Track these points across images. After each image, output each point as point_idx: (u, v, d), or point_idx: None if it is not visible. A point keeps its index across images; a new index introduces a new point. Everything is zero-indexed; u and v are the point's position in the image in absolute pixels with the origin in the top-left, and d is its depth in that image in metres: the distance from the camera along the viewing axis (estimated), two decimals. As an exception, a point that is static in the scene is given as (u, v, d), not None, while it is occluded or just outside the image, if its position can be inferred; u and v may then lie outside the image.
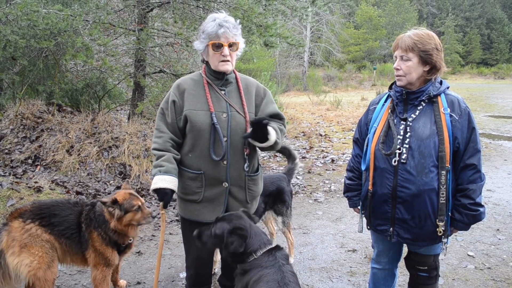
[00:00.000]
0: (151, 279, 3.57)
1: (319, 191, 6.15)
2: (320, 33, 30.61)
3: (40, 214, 2.81)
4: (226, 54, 2.32)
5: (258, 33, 6.18)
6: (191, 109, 2.37)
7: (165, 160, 2.34)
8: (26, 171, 5.26)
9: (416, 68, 2.23)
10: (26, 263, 2.69)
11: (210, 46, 2.33)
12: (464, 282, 3.57)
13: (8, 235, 2.72)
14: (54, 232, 2.81)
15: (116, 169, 5.66)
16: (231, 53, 2.36)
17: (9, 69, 6.33)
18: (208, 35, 2.32)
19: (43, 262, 2.73)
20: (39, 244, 2.74)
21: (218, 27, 2.29)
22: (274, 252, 2.15)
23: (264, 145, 2.35)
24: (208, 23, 2.35)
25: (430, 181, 2.20)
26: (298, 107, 15.31)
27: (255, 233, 2.22)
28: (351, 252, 4.17)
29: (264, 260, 2.12)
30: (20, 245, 2.70)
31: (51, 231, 2.80)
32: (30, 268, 2.69)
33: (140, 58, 6.68)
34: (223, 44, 2.30)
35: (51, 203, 2.92)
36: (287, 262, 2.13)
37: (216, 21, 2.32)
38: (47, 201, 3.07)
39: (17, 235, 2.71)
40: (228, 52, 2.33)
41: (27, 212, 2.81)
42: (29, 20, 4.91)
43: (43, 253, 2.74)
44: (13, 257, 2.69)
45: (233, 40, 2.33)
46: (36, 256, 2.71)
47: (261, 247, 2.17)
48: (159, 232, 4.53)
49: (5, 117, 6.26)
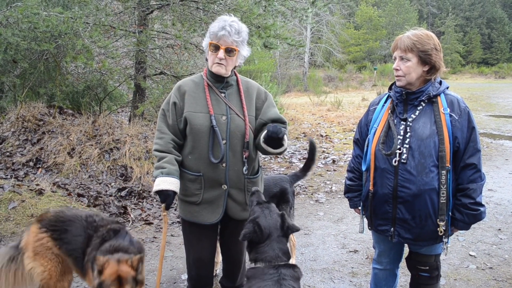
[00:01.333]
0: (153, 281, 3.57)
1: (320, 192, 6.15)
2: (320, 34, 30.63)
3: (55, 226, 2.66)
4: (220, 57, 2.31)
5: (257, 35, 6.19)
6: (191, 111, 2.37)
7: (167, 161, 2.34)
8: (28, 173, 5.27)
9: (416, 69, 2.24)
10: (38, 272, 2.62)
11: (209, 45, 2.35)
12: (466, 282, 3.57)
13: (27, 237, 2.66)
14: (63, 249, 2.64)
15: (117, 171, 5.67)
16: (227, 58, 2.33)
17: (10, 71, 6.34)
18: (210, 35, 2.34)
19: (53, 274, 2.63)
20: (49, 257, 2.63)
21: (220, 29, 2.29)
22: (280, 267, 2.08)
23: (277, 152, 2.36)
24: (216, 22, 2.36)
25: (431, 181, 2.20)
26: (298, 108, 15.31)
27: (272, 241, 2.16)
28: (353, 252, 4.17)
29: (265, 271, 2.06)
30: (33, 251, 2.63)
31: (60, 246, 2.64)
32: (42, 277, 2.62)
33: (140, 60, 6.70)
34: (220, 46, 2.30)
35: (69, 217, 2.71)
36: (292, 280, 2.04)
37: (222, 23, 2.32)
38: (69, 213, 2.82)
39: (31, 240, 2.63)
40: (224, 56, 2.31)
41: (46, 219, 2.68)
42: (30, 22, 4.93)
43: (52, 266, 2.63)
44: (28, 261, 2.63)
45: (231, 45, 2.31)
46: (46, 268, 2.62)
47: (270, 260, 2.12)
48: (160, 233, 4.54)
49: (7, 119, 6.27)
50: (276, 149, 2.35)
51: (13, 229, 4.20)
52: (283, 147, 2.35)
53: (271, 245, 2.15)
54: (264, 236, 2.14)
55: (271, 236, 2.17)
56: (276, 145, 2.33)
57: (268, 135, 2.26)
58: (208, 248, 2.60)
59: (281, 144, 2.32)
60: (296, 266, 2.17)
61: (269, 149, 2.36)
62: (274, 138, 2.25)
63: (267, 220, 2.20)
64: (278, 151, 2.36)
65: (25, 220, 4.35)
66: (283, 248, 2.17)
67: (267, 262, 2.10)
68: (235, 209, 2.49)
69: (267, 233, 2.15)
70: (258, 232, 2.14)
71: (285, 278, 2.03)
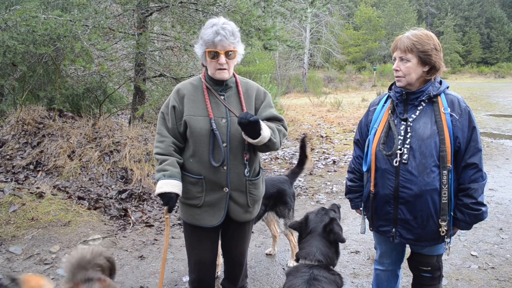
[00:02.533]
0: (154, 284, 3.56)
1: (321, 193, 6.15)
2: (319, 35, 30.66)
3: None
4: (222, 63, 2.29)
5: (257, 37, 6.19)
6: (190, 115, 2.36)
7: (168, 164, 2.33)
8: (28, 176, 5.27)
9: (416, 69, 2.23)
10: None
11: (206, 53, 2.30)
12: (468, 282, 3.55)
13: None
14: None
15: (117, 173, 5.66)
16: (228, 61, 2.31)
17: (9, 75, 6.34)
18: (205, 43, 2.29)
19: None
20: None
21: (215, 35, 2.24)
22: (313, 267, 2.09)
23: (256, 142, 2.30)
24: (206, 29, 2.30)
25: (432, 181, 2.19)
26: (298, 109, 15.30)
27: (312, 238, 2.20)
28: (354, 253, 4.16)
29: (299, 269, 2.08)
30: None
31: None
32: None
33: (140, 62, 6.69)
34: (220, 52, 2.27)
35: None
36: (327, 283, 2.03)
37: (213, 28, 2.26)
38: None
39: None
40: (225, 61, 2.29)
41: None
42: (28, 26, 4.92)
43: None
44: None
45: (230, 48, 2.28)
46: None
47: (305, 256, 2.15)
48: (161, 236, 4.53)
49: (6, 123, 6.27)
50: (254, 139, 2.28)
51: (14, 232, 4.20)
52: (261, 137, 2.27)
53: (310, 242, 2.22)
54: (307, 229, 2.23)
55: (313, 232, 2.21)
56: (253, 133, 2.26)
57: (238, 122, 2.23)
58: (209, 251, 2.59)
59: (258, 132, 2.25)
60: (336, 271, 2.18)
61: (249, 139, 2.31)
62: (242, 124, 2.21)
63: (317, 217, 2.29)
64: (256, 141, 2.29)
65: (26, 223, 4.34)
66: (321, 248, 2.19)
67: (303, 259, 2.13)
68: (236, 212, 2.48)
69: (310, 227, 2.24)
70: (304, 224, 2.24)
71: (318, 278, 2.02)
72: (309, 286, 1.98)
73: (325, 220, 2.25)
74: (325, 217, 2.28)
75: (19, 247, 4.04)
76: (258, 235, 4.55)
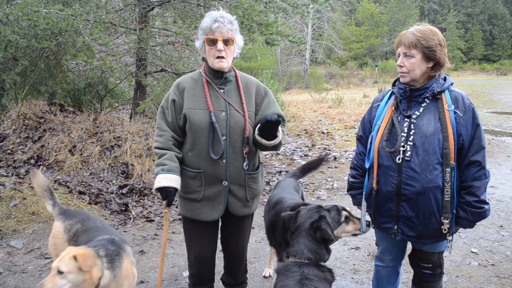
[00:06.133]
0: (154, 278, 3.57)
1: (321, 189, 6.14)
2: (321, 31, 30.57)
3: None
4: (220, 49, 2.30)
5: (259, 32, 6.16)
6: (190, 108, 2.36)
7: (167, 158, 2.34)
8: (29, 171, 5.27)
9: (420, 65, 2.21)
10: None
11: (205, 41, 2.33)
12: (468, 279, 3.56)
13: None
14: None
15: (118, 168, 5.66)
16: (226, 49, 2.33)
17: (11, 69, 6.33)
18: (203, 31, 2.34)
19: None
20: None
21: (213, 22, 2.29)
22: (302, 265, 2.08)
23: (271, 143, 2.35)
24: (205, 18, 2.36)
25: (435, 178, 2.18)
26: (300, 105, 15.29)
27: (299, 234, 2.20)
28: (354, 249, 4.16)
29: (289, 268, 2.07)
30: None
31: None
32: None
33: (141, 57, 6.67)
34: (218, 38, 2.29)
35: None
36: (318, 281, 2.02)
37: (212, 16, 2.33)
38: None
39: None
40: (223, 47, 2.31)
41: None
42: (30, 20, 4.90)
43: None
44: None
45: (228, 35, 2.31)
46: None
47: (294, 254, 2.14)
48: (161, 231, 4.53)
49: (8, 117, 6.27)
50: (269, 140, 2.33)
51: (15, 226, 4.21)
52: (277, 139, 2.34)
53: (297, 239, 2.21)
54: (295, 223, 2.22)
55: (300, 228, 2.22)
56: (270, 134, 2.31)
57: (265, 119, 2.24)
58: (209, 245, 2.60)
59: (275, 134, 2.31)
60: (326, 267, 2.17)
61: (263, 140, 2.34)
62: (269, 122, 2.22)
63: (308, 213, 2.28)
64: (271, 143, 2.35)
65: (26, 217, 4.35)
66: (308, 245, 2.19)
67: (293, 257, 2.13)
68: (235, 206, 2.48)
69: (298, 222, 2.23)
70: (293, 218, 2.24)
71: (309, 278, 2.02)
72: (301, 286, 1.98)
73: (314, 217, 2.25)
74: (315, 214, 2.27)
75: (20, 241, 4.05)
76: (259, 231, 4.56)
